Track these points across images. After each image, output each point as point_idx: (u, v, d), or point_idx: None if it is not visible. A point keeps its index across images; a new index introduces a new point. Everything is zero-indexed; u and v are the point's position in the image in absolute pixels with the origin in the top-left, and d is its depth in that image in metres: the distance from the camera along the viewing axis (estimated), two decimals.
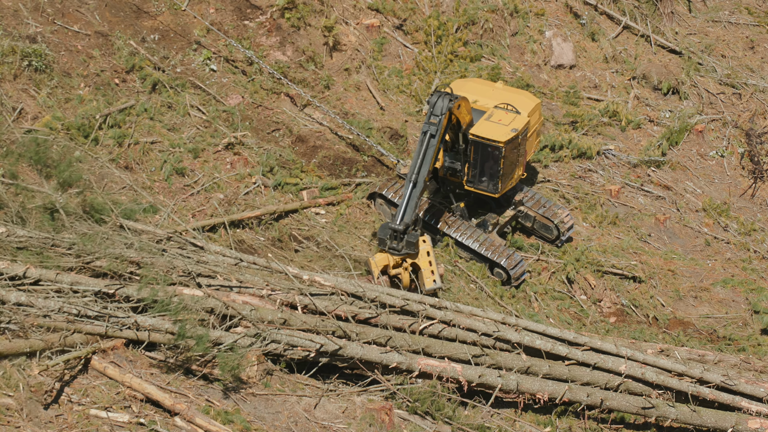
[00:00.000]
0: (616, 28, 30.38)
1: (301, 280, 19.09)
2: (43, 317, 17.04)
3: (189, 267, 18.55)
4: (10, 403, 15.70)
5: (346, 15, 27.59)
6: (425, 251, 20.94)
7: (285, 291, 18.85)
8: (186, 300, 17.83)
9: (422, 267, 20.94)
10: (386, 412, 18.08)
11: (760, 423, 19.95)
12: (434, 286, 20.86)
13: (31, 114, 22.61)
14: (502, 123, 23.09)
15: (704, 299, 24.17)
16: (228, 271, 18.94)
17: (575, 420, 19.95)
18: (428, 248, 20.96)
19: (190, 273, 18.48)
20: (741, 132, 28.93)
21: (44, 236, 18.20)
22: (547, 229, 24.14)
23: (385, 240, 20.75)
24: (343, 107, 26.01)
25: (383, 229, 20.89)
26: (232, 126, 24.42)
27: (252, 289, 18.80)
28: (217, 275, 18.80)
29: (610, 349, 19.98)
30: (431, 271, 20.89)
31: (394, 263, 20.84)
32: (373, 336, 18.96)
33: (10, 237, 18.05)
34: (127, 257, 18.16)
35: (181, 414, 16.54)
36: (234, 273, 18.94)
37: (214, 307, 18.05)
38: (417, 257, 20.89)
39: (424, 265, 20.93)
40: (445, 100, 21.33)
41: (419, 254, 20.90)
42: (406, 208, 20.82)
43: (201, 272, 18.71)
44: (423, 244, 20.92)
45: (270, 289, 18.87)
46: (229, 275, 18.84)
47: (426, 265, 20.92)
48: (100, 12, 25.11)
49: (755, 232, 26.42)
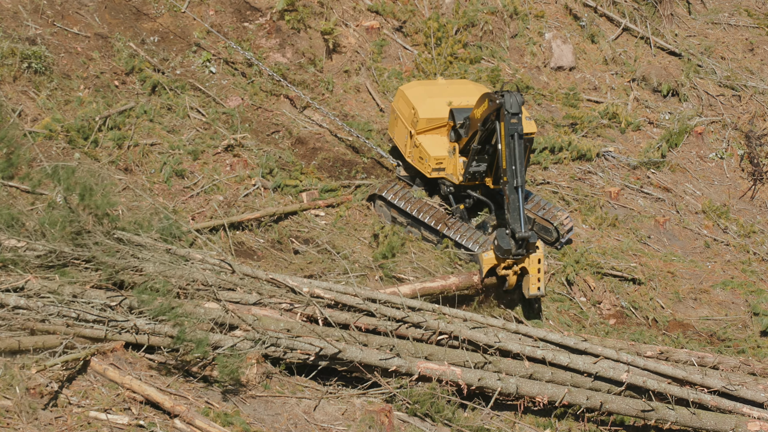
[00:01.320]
0: (616, 30, 30.38)
1: (302, 291, 19.16)
2: (42, 321, 17.05)
3: (209, 280, 18.58)
4: (9, 405, 15.71)
5: (346, 17, 27.60)
6: (536, 258, 21.19)
7: (304, 305, 18.97)
8: (188, 308, 17.87)
9: (531, 272, 21.20)
10: (386, 414, 18.10)
11: (760, 425, 19.99)
12: (537, 293, 21.23)
13: (31, 116, 22.62)
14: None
15: (704, 301, 24.17)
16: (249, 285, 19.06)
17: (575, 422, 19.97)
18: (540, 255, 21.21)
19: (211, 286, 18.55)
20: (741, 134, 28.93)
21: (64, 251, 18.19)
22: (546, 232, 24.15)
23: (510, 249, 20.93)
24: (343, 109, 26.02)
25: (502, 237, 21.07)
26: (231, 128, 24.42)
27: (272, 301, 18.92)
28: (237, 288, 18.88)
29: (611, 356, 20.08)
30: (538, 278, 21.20)
31: (504, 264, 21.17)
32: (376, 344, 19.07)
33: (27, 252, 18.05)
34: (146, 272, 18.21)
35: (181, 416, 16.55)
36: (254, 287, 19.05)
37: (216, 318, 18.14)
38: (528, 261, 21.19)
39: (533, 270, 21.20)
40: (519, 97, 21.15)
41: (531, 261, 21.20)
42: (522, 215, 20.94)
43: (221, 285, 18.79)
44: (536, 251, 21.21)
45: (289, 303, 18.98)
46: (249, 288, 18.94)
47: (534, 271, 21.20)
48: (99, 14, 25.12)
49: (755, 234, 26.42)
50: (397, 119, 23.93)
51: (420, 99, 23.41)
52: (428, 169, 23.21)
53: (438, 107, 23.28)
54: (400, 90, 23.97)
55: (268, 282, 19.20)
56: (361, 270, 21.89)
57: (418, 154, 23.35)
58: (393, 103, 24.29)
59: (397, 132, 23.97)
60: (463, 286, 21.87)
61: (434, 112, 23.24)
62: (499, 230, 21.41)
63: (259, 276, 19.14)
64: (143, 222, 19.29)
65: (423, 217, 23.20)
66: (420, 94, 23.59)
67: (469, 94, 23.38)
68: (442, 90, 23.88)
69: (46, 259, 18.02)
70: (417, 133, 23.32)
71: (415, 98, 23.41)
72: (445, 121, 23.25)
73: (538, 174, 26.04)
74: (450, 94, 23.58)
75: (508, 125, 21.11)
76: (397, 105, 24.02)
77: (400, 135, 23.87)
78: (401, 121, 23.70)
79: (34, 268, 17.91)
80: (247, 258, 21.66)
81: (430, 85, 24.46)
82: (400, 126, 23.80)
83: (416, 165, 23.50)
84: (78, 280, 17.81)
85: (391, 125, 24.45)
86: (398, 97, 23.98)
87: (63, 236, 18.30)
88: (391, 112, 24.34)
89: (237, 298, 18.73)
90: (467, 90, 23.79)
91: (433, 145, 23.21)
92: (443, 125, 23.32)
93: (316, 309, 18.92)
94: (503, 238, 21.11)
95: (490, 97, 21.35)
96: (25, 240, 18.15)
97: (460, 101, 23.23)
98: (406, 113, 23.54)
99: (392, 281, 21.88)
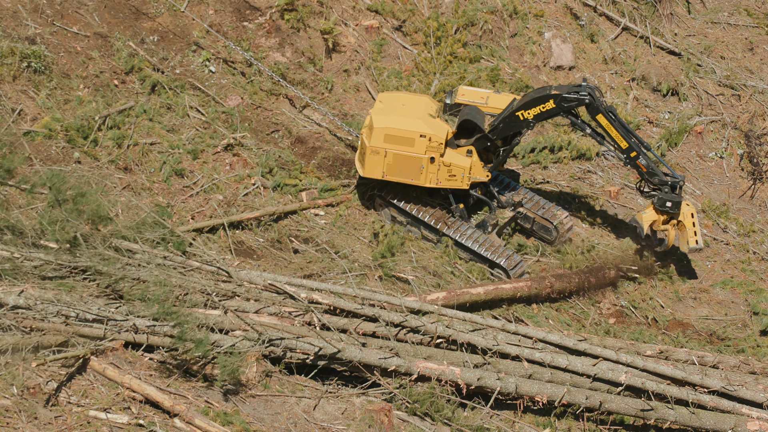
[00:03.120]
0: (616, 30, 30.37)
1: (299, 297, 19.17)
2: (41, 321, 17.05)
3: (208, 288, 18.59)
4: (9, 405, 15.71)
5: (346, 16, 27.59)
6: (690, 213, 22.69)
7: (303, 312, 18.98)
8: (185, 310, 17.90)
9: (687, 227, 22.67)
10: (385, 414, 18.10)
11: (759, 425, 19.99)
12: (696, 246, 22.82)
13: (31, 115, 22.62)
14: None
15: (703, 300, 24.16)
16: (247, 291, 19.07)
17: (574, 421, 19.98)
18: (692, 210, 22.69)
19: (210, 293, 18.57)
20: (740, 133, 28.91)
21: (64, 260, 18.19)
22: (546, 231, 24.15)
23: (680, 201, 22.57)
24: (342, 108, 26.01)
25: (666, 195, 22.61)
26: (231, 127, 24.42)
27: (271, 307, 18.94)
28: (235, 296, 18.89)
29: (611, 356, 20.10)
30: (694, 231, 22.69)
31: (663, 220, 22.74)
32: (377, 346, 19.11)
33: (25, 261, 18.05)
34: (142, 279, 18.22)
35: (181, 415, 16.56)
36: (253, 293, 19.06)
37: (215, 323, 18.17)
38: (683, 217, 22.71)
39: (689, 225, 22.68)
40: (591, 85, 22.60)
41: (685, 215, 22.70)
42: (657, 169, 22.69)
43: (219, 292, 18.81)
44: (687, 207, 22.73)
45: (288, 310, 19.01)
46: (247, 295, 18.96)
47: (690, 225, 22.69)
48: (99, 13, 25.11)
49: (754, 234, 26.41)
50: (395, 154, 22.82)
51: (423, 121, 22.80)
52: (466, 181, 23.08)
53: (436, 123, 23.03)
54: (371, 120, 22.84)
55: (265, 289, 19.26)
56: (360, 269, 21.89)
57: (446, 173, 22.99)
58: (371, 141, 22.81)
59: (406, 170, 22.98)
60: (535, 289, 22.31)
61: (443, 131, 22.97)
62: (660, 193, 22.66)
63: (256, 282, 19.26)
64: (141, 227, 19.32)
65: (423, 216, 23.20)
66: (393, 117, 22.78)
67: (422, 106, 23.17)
68: (399, 108, 23.19)
69: (42, 270, 18.02)
70: (440, 155, 22.89)
71: (416, 124, 22.72)
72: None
73: (537, 173, 26.05)
74: (410, 107, 23.12)
75: (605, 108, 22.42)
76: (376, 140, 22.76)
77: (412, 168, 22.94)
78: (404, 154, 22.83)
79: (33, 277, 17.92)
80: (246, 257, 21.66)
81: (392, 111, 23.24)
82: (402, 159, 22.92)
83: (446, 185, 23.03)
84: (75, 287, 17.83)
85: (375, 164, 22.94)
86: (374, 129, 22.70)
87: (59, 244, 18.31)
88: (372, 153, 22.86)
89: (235, 306, 18.74)
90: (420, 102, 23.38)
91: (458, 158, 23.02)
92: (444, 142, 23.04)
93: (314, 316, 18.97)
94: (668, 195, 22.57)
95: (562, 97, 22.39)
96: (21, 250, 18.18)
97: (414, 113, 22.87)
98: (420, 139, 22.66)
99: (392, 281, 21.89)
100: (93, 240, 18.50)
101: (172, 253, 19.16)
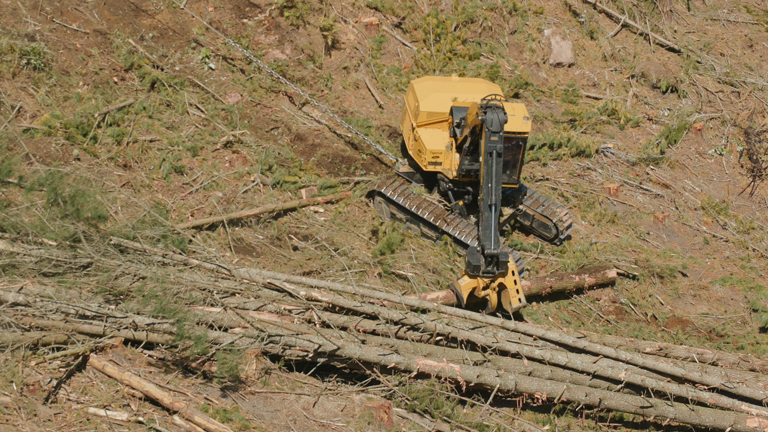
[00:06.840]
0: (615, 27, 30.38)
1: (298, 295, 19.18)
2: (41, 318, 17.06)
3: (208, 285, 18.58)
4: (8, 402, 15.72)
5: (345, 13, 27.59)
6: (510, 270, 20.99)
7: (303, 310, 18.98)
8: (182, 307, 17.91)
9: (509, 287, 20.95)
10: (385, 411, 18.11)
11: (759, 422, 20.00)
12: (519, 305, 20.94)
13: (30, 112, 22.61)
14: (509, 114, 22.80)
15: (703, 297, 24.18)
16: (247, 289, 19.08)
17: (574, 418, 19.99)
18: (513, 267, 21.01)
19: (211, 291, 18.57)
20: (740, 130, 28.93)
21: (63, 257, 18.19)
22: (545, 228, 24.15)
23: (480, 266, 20.74)
24: (342, 105, 26.01)
25: (473, 254, 20.88)
26: (230, 124, 24.42)
27: (270, 305, 18.94)
28: (235, 294, 18.90)
29: (610, 354, 20.11)
30: (516, 290, 20.97)
31: (483, 285, 20.94)
32: (376, 343, 19.12)
33: (26, 257, 18.05)
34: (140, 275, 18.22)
35: (180, 412, 16.56)
36: (253, 291, 19.07)
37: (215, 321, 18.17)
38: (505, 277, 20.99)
39: (510, 284, 20.95)
40: (501, 114, 20.88)
41: (506, 276, 21.00)
42: (494, 233, 20.75)
43: (220, 289, 18.82)
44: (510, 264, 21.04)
45: (287, 308, 19.02)
46: (247, 293, 18.96)
47: (512, 284, 20.96)
48: (98, 10, 25.10)
49: (754, 231, 26.42)
50: (405, 113, 24.06)
51: (425, 92, 23.46)
52: (424, 162, 23.24)
53: (441, 102, 23.28)
54: (411, 83, 24.07)
55: (266, 287, 19.27)
56: (360, 266, 21.90)
57: (417, 147, 23.39)
58: (405, 96, 24.49)
59: (405, 125, 24.08)
60: (598, 282, 23.05)
61: (436, 107, 23.24)
62: (471, 248, 21.26)
63: (256, 280, 19.25)
64: (140, 225, 19.31)
65: (422, 214, 23.20)
66: (427, 88, 23.64)
67: (477, 92, 23.28)
68: (451, 86, 23.82)
69: (43, 266, 18.02)
70: (418, 126, 23.36)
71: (421, 91, 23.49)
72: (447, 116, 23.26)
73: (537, 170, 26.04)
74: (458, 90, 23.55)
75: (487, 142, 20.91)
76: (406, 98, 24.20)
77: (406, 128, 23.98)
78: (408, 114, 23.80)
79: (33, 273, 17.92)
80: (246, 254, 21.66)
81: (441, 80, 24.41)
82: (406, 119, 23.91)
83: (415, 158, 23.53)
84: (76, 283, 17.83)
85: (401, 119, 24.64)
86: (408, 90, 24.13)
87: (58, 242, 18.31)
88: (403, 106, 24.55)
89: (235, 303, 18.75)
90: (477, 88, 23.68)
91: (431, 139, 23.23)
92: (445, 120, 23.33)
93: (314, 313, 18.99)
94: (473, 255, 20.94)
95: (477, 110, 21.21)
96: (21, 246, 18.18)
97: (465, 98, 23.20)
98: (412, 106, 23.65)
99: (391, 278, 21.90)
100: (92, 240, 18.49)
101: (171, 251, 19.17)
